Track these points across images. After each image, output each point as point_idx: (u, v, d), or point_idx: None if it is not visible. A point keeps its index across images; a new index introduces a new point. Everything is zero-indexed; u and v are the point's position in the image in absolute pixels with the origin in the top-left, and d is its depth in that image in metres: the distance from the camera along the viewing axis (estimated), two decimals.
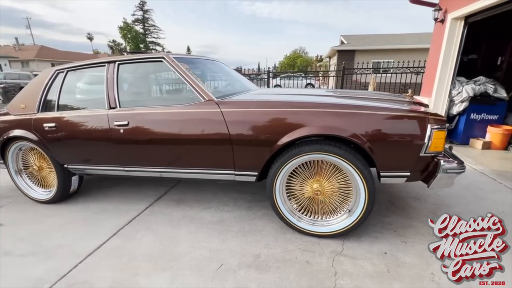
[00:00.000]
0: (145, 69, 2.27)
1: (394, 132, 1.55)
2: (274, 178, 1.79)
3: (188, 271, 1.59)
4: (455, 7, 3.78)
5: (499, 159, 3.47)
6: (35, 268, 1.67)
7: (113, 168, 2.20)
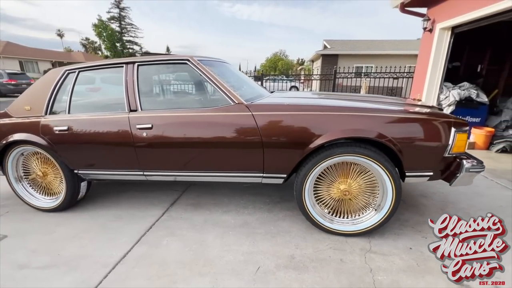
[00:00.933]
0: (167, 71, 2.22)
1: (421, 134, 1.67)
2: (304, 179, 1.83)
3: (227, 275, 1.58)
4: (443, 18, 4.08)
5: (485, 158, 3.78)
6: (60, 281, 1.57)
7: (131, 172, 2.12)
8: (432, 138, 1.66)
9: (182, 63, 2.02)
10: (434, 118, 1.68)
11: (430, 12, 4.42)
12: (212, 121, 1.86)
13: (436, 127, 1.65)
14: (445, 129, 1.65)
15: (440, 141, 1.65)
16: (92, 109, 2.18)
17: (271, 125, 1.78)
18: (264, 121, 1.78)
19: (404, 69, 7.87)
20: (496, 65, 4.62)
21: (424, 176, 1.77)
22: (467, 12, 3.64)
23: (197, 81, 2.18)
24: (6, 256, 1.80)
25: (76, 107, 2.16)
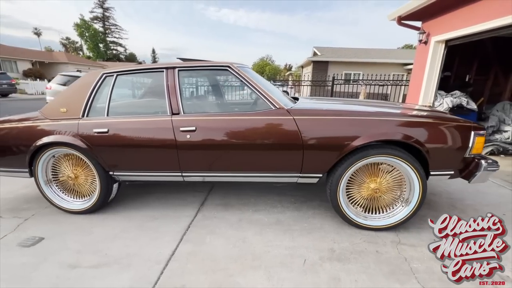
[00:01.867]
0: (207, 76, 2.32)
1: (447, 137, 1.88)
2: (340, 179, 1.99)
3: (278, 268, 1.70)
4: (437, 32, 4.46)
5: None
6: (118, 278, 1.62)
7: (170, 174, 2.19)
8: (456, 140, 1.88)
9: (223, 69, 2.13)
10: (458, 123, 1.90)
11: (425, 26, 4.80)
12: (254, 124, 1.99)
13: (459, 131, 1.88)
14: (466, 133, 1.88)
15: (462, 143, 1.87)
16: (130, 111, 2.23)
17: (311, 128, 1.93)
18: (305, 124, 1.93)
19: (389, 77, 8.38)
20: (482, 76, 5.08)
21: (446, 175, 1.99)
22: (460, 28, 4.02)
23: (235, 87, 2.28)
24: (51, 257, 1.81)
25: (115, 110, 2.20)
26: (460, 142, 1.88)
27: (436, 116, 2.00)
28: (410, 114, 2.05)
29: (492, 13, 3.45)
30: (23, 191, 2.97)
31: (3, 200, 2.71)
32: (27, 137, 2.21)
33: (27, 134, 2.21)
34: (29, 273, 1.67)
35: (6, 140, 2.26)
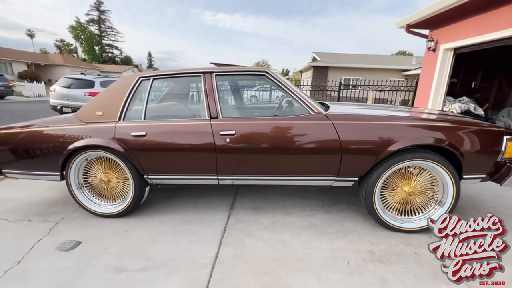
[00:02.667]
0: (244, 81, 2.36)
1: (481, 142, 1.96)
2: (376, 182, 2.04)
3: (324, 270, 1.73)
4: (446, 40, 4.61)
5: None
6: (169, 281, 1.62)
7: (206, 177, 2.21)
8: (489, 145, 1.96)
9: (260, 74, 2.17)
10: (492, 128, 1.98)
11: (433, 34, 4.96)
12: (294, 129, 2.03)
13: (493, 136, 1.96)
14: (499, 138, 1.96)
15: (496, 148, 1.95)
16: (166, 115, 2.24)
17: (350, 132, 1.98)
18: (343, 129, 1.98)
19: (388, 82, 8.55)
20: (486, 82, 5.25)
21: (478, 178, 2.06)
22: (469, 37, 4.17)
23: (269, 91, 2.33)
24: (94, 261, 1.81)
25: (152, 113, 2.22)
26: (494, 147, 1.96)
27: (470, 122, 2.08)
28: (445, 119, 2.12)
29: (502, 24, 3.60)
30: (44, 195, 2.93)
31: (28, 204, 2.68)
32: (62, 140, 2.20)
33: (62, 137, 2.20)
34: (76, 276, 1.66)
35: (40, 143, 2.24)
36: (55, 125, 2.28)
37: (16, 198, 2.82)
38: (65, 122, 2.29)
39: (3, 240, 2.06)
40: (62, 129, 2.23)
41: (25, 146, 2.27)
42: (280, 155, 2.07)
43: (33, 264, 1.78)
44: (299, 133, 2.03)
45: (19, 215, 2.45)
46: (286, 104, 2.60)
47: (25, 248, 1.95)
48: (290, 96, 2.12)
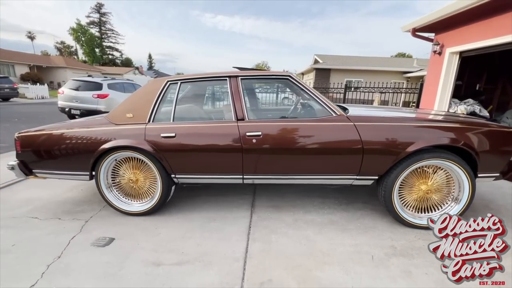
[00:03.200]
0: (267, 85, 2.46)
1: (494, 142, 2.07)
2: (395, 181, 2.15)
3: (350, 264, 1.82)
4: (452, 44, 4.74)
5: None
6: (206, 274, 1.72)
7: (231, 176, 2.30)
8: (504, 145, 2.07)
9: (284, 78, 2.28)
10: (505, 129, 2.09)
11: (438, 37, 5.09)
12: (318, 130, 2.14)
13: (507, 136, 2.07)
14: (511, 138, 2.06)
15: (509, 147, 2.06)
16: (193, 117, 2.34)
17: (371, 133, 2.09)
18: (365, 130, 2.09)
19: (389, 84, 8.70)
20: (490, 85, 5.38)
21: (492, 177, 2.16)
22: (475, 41, 4.30)
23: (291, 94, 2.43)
24: (131, 256, 1.90)
25: (180, 115, 2.32)
26: (507, 147, 2.06)
27: (483, 123, 2.19)
28: (459, 121, 2.22)
29: (508, 29, 3.72)
30: (68, 194, 3.03)
31: (54, 203, 2.77)
32: (93, 141, 2.29)
33: (93, 138, 2.30)
34: (117, 270, 1.75)
35: (71, 144, 2.33)
36: (86, 127, 2.37)
37: (42, 198, 2.92)
38: (96, 124, 2.38)
39: (39, 237, 2.15)
40: (93, 130, 2.33)
41: (57, 147, 2.36)
42: (304, 155, 2.18)
43: (73, 259, 1.87)
44: (322, 134, 2.13)
45: (48, 214, 2.55)
46: (300, 107, 2.70)
47: (61, 244, 2.05)
48: (312, 98, 2.23)
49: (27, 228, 2.28)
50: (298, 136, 2.15)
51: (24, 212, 2.57)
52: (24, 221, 2.42)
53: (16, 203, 2.76)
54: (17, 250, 1.98)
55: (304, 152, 2.16)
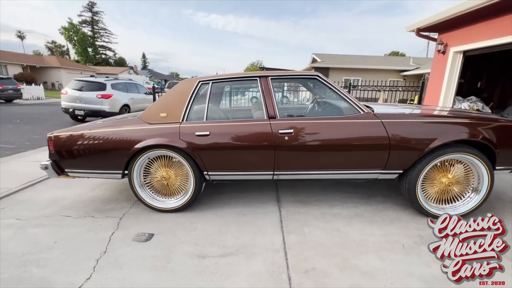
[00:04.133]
0: (296, 84, 2.56)
1: (510, 136, 2.21)
2: (419, 174, 2.27)
3: (384, 252, 1.94)
4: (455, 43, 4.92)
5: None
6: (252, 264, 1.81)
7: (262, 173, 2.40)
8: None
9: (312, 78, 2.38)
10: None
11: (442, 37, 5.26)
12: (347, 127, 2.25)
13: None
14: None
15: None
16: (225, 116, 2.42)
17: (398, 130, 2.21)
18: (392, 127, 2.21)
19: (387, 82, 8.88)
20: (491, 83, 5.59)
21: (508, 169, 2.31)
22: (478, 41, 4.48)
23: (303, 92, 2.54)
24: (175, 250, 1.98)
25: (211, 114, 2.40)
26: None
27: (498, 119, 2.33)
28: (477, 117, 2.36)
29: (511, 29, 3.90)
30: (93, 193, 3.07)
31: (82, 202, 2.82)
32: (128, 140, 2.36)
33: (128, 137, 2.36)
34: (166, 263, 1.83)
35: (106, 144, 2.39)
36: (120, 127, 2.43)
37: (67, 197, 2.96)
38: (130, 124, 2.45)
39: (78, 234, 2.21)
40: (128, 130, 2.39)
41: (91, 147, 2.42)
42: (333, 151, 2.29)
43: (120, 254, 1.94)
44: (351, 130, 2.25)
45: (79, 212, 2.60)
46: (316, 105, 2.80)
47: (103, 240, 2.11)
48: (341, 97, 2.33)
49: (63, 226, 2.34)
50: (328, 133, 2.26)
51: (55, 211, 2.62)
52: (58, 219, 2.47)
53: (43, 203, 2.80)
54: (61, 246, 2.04)
55: (333, 148, 2.27)
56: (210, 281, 1.66)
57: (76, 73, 28.35)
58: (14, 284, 1.66)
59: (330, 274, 1.72)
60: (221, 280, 1.67)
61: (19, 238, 2.16)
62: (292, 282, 1.65)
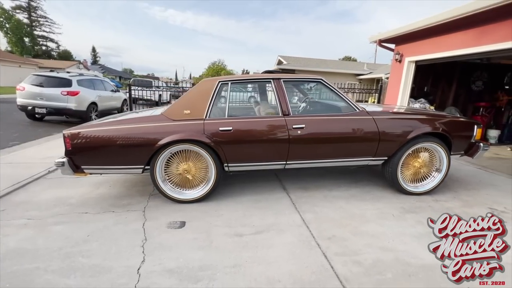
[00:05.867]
0: (303, 86, 2.94)
1: (462, 129, 2.94)
2: (399, 160, 2.87)
3: (380, 220, 2.45)
4: (409, 54, 5.91)
5: None
6: (283, 237, 2.16)
7: (276, 163, 2.74)
8: (467, 131, 2.95)
9: (317, 81, 2.81)
10: (470, 120, 2.98)
11: (398, 48, 6.25)
12: (347, 123, 2.73)
13: (470, 125, 2.96)
14: (472, 126, 2.97)
15: (471, 133, 2.96)
16: (243, 113, 2.70)
17: (385, 124, 2.76)
18: (381, 122, 2.75)
19: (346, 85, 10.02)
20: (434, 87, 6.79)
21: (459, 154, 3.05)
22: (426, 54, 5.48)
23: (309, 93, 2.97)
24: (212, 232, 2.21)
25: (232, 111, 2.66)
26: (470, 132, 2.96)
27: (452, 116, 3.07)
28: (440, 115, 3.06)
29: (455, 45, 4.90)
30: (99, 191, 3.05)
31: (92, 200, 2.80)
32: (153, 135, 2.48)
33: (153, 133, 2.49)
34: (209, 243, 2.06)
35: (129, 140, 2.48)
36: (144, 123, 2.54)
37: (72, 196, 2.90)
38: (154, 120, 2.56)
39: (108, 227, 2.28)
40: (153, 126, 2.51)
41: (112, 143, 2.47)
42: (336, 142, 2.75)
43: (162, 239, 2.10)
44: (350, 125, 2.74)
45: (96, 209, 2.61)
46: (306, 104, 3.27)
47: (137, 230, 2.23)
48: (341, 98, 2.81)
49: (86, 222, 2.36)
50: (333, 127, 2.72)
51: (68, 209, 2.59)
52: (76, 216, 2.47)
53: (49, 203, 2.72)
54: (97, 238, 2.11)
55: (336, 140, 2.74)
56: (255, 252, 1.96)
57: (13, 66, 24.84)
58: (69, 273, 1.74)
59: (347, 238, 2.16)
60: (264, 250, 1.98)
61: (45, 236, 2.15)
62: (321, 246, 2.04)
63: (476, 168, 4.23)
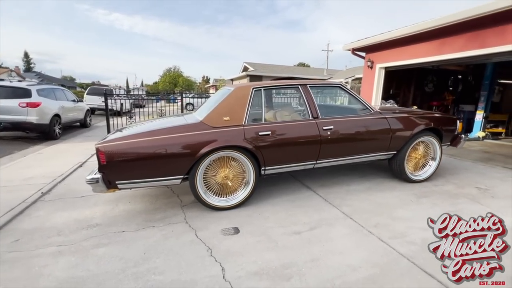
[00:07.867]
0: (326, 91, 3.18)
1: (448, 124, 3.52)
2: (405, 154, 3.31)
3: (404, 205, 2.81)
4: (379, 61, 6.71)
5: None
6: (337, 229, 2.34)
7: (307, 163, 2.93)
8: (452, 125, 3.55)
9: (336, 86, 3.09)
10: (452, 116, 3.58)
11: (370, 56, 7.03)
12: (367, 122, 3.06)
13: (454, 120, 3.57)
14: (455, 121, 3.59)
15: (454, 127, 3.56)
16: (276, 118, 2.81)
17: (395, 122, 3.17)
18: (392, 120, 3.16)
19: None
20: (398, 90, 7.80)
21: (446, 145, 3.64)
22: (393, 61, 6.31)
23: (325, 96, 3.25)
24: (270, 233, 2.28)
25: (268, 116, 2.76)
26: (453, 126, 3.57)
27: (442, 114, 3.65)
28: (432, 113, 3.61)
29: (417, 54, 5.75)
30: (120, 208, 2.83)
31: (121, 218, 2.60)
32: (194, 144, 2.45)
33: (194, 142, 2.45)
34: (275, 244, 2.13)
35: (168, 150, 2.40)
36: (182, 132, 2.48)
37: (93, 217, 2.65)
38: (192, 129, 2.52)
39: (159, 241, 2.17)
40: (193, 135, 2.47)
41: (152, 154, 2.37)
42: (358, 141, 3.06)
43: (226, 246, 2.09)
44: (369, 125, 3.08)
45: (131, 226, 2.44)
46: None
47: (193, 241, 2.18)
48: (359, 101, 3.13)
49: (129, 241, 2.20)
50: (357, 128, 3.03)
51: (98, 231, 2.37)
52: (113, 236, 2.29)
53: (70, 226, 2.44)
54: (157, 254, 2.01)
55: (360, 139, 3.05)
56: (323, 246, 2.10)
57: None
58: None
59: (389, 224, 2.44)
60: (329, 243, 2.13)
61: (93, 260, 1.96)
62: (374, 233, 2.28)
63: (447, 157, 5.02)
